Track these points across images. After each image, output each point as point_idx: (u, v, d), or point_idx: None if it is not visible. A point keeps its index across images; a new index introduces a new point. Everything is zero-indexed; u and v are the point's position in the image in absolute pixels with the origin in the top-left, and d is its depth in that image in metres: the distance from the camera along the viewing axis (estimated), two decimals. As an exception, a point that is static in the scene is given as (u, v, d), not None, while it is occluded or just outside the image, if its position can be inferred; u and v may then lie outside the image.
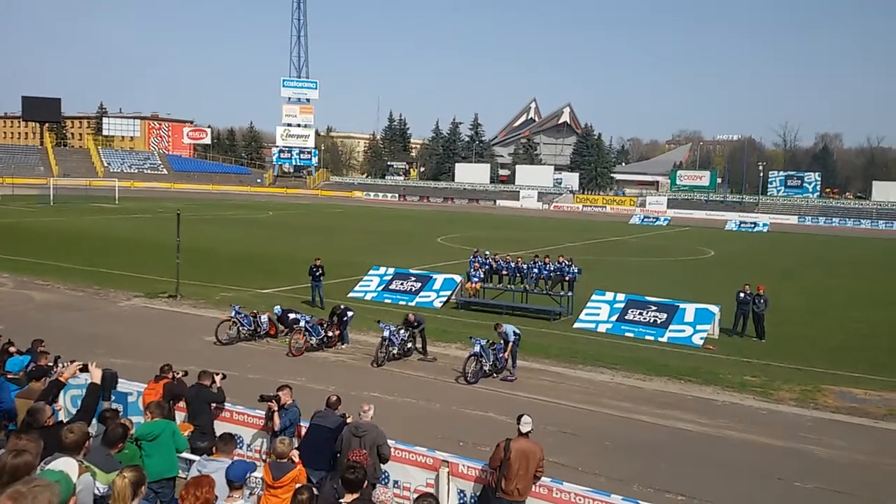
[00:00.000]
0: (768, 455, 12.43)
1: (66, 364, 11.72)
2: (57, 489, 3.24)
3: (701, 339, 20.60)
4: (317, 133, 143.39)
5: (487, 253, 27.41)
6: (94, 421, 7.30)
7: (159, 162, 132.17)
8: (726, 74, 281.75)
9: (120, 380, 11.22)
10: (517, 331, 17.02)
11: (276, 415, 9.60)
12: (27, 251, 34.88)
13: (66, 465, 4.48)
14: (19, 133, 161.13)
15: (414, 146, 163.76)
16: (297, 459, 7.36)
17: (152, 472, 7.07)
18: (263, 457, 9.85)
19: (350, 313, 19.17)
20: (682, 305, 21.91)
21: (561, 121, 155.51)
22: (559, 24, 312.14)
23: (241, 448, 10.17)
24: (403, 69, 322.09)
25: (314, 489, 7.02)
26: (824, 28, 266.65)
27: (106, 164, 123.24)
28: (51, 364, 11.39)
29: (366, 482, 6.10)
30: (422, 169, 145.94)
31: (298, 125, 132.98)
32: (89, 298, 24.45)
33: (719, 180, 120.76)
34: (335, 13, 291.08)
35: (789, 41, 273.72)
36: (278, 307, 20.00)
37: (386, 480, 9.31)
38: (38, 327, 17.78)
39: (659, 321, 21.57)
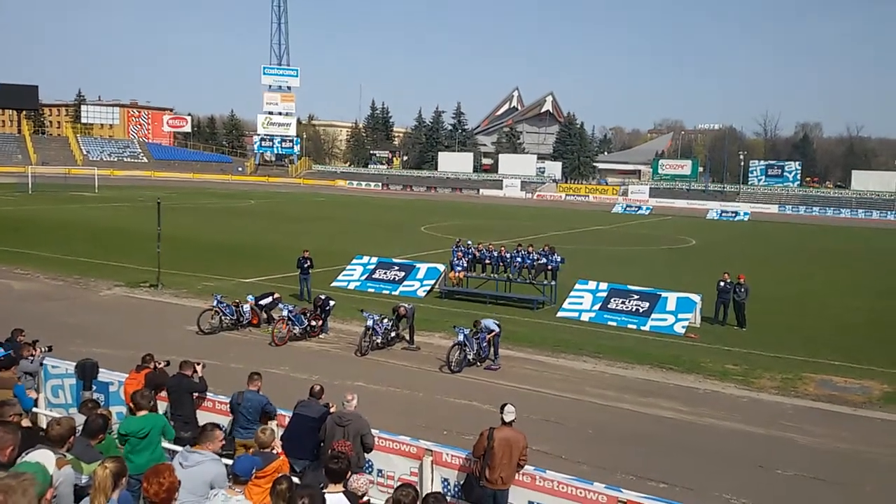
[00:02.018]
0: (749, 442, 12.54)
1: (43, 349, 11.63)
2: (39, 484, 3.22)
3: (683, 327, 20.73)
4: (298, 121, 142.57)
5: (470, 242, 27.39)
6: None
7: (139, 150, 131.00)
8: (708, 64, 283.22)
9: (101, 370, 11.19)
10: (498, 322, 17.05)
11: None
12: (6, 240, 34.46)
13: (43, 456, 4.43)
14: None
15: (397, 135, 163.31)
16: (279, 449, 7.33)
17: (141, 466, 7.01)
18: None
19: (332, 303, 19.12)
20: (663, 294, 22.03)
21: (543, 109, 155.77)
22: (542, 13, 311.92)
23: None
24: (386, 57, 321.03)
25: (294, 479, 7.02)
26: (805, 18, 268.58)
27: (85, 153, 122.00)
28: (33, 354, 11.28)
29: (349, 472, 6.07)
30: (405, 158, 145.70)
31: (280, 113, 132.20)
32: (70, 288, 24.22)
33: (701, 169, 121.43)
34: (316, 0, 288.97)
35: (770, 31, 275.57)
36: (250, 296, 19.97)
37: (370, 469, 9.30)
38: (18, 317, 17.56)
39: (641, 310, 21.68)
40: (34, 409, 9.69)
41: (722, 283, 22.08)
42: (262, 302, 19.59)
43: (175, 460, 6.62)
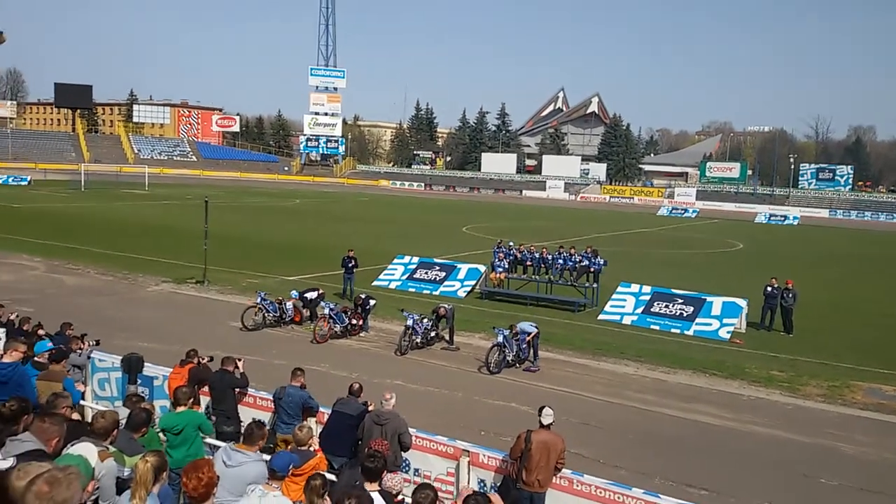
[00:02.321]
0: (793, 451, 12.30)
1: (91, 343, 11.92)
2: (82, 477, 3.32)
3: (728, 332, 20.40)
4: (344, 122, 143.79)
5: (511, 243, 27.32)
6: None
7: (188, 149, 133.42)
8: (758, 65, 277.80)
9: (146, 364, 11.44)
10: (535, 325, 16.99)
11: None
12: (59, 236, 35.43)
13: (85, 449, 4.55)
14: (52, 119, 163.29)
15: (440, 135, 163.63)
16: (316, 447, 7.40)
17: (178, 461, 7.16)
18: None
19: (372, 302, 19.26)
20: (709, 299, 21.70)
21: (589, 111, 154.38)
22: (588, 13, 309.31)
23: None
24: (430, 58, 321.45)
25: (331, 476, 7.09)
26: (858, 19, 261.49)
27: (136, 151, 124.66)
28: (81, 348, 11.56)
29: (385, 471, 6.11)
30: (448, 158, 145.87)
31: (326, 114, 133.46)
32: (118, 283, 24.79)
33: (749, 172, 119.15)
34: (363, 1, 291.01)
35: (823, 32, 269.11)
36: (294, 291, 20.26)
37: (407, 468, 9.34)
38: (68, 311, 18.09)
39: (685, 314, 21.39)
40: (81, 402, 9.95)
41: (769, 289, 21.68)
42: (307, 296, 19.82)
43: (218, 457, 6.72)
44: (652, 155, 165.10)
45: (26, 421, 5.35)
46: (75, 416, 7.50)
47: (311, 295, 19.89)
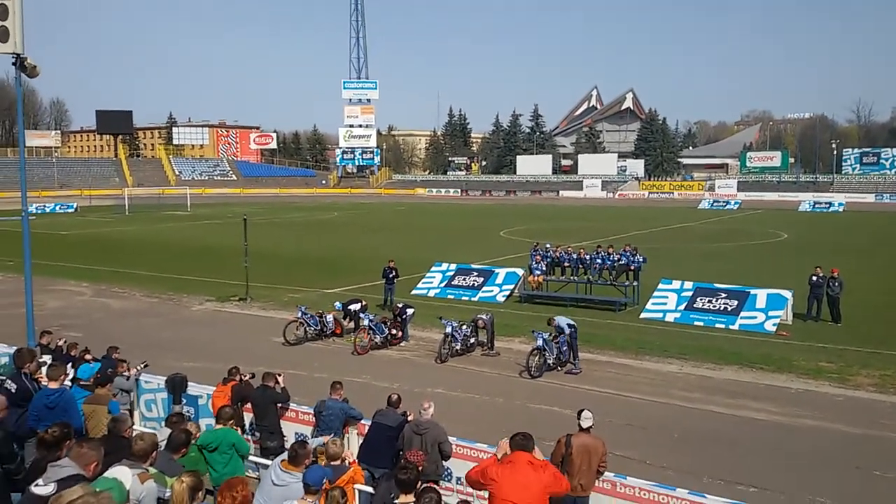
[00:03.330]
0: (846, 443, 12.01)
1: (139, 367, 12.13)
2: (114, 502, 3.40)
3: (774, 325, 20.03)
4: (378, 132, 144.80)
5: (549, 245, 27.18)
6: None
7: (228, 168, 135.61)
8: (795, 50, 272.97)
9: (191, 383, 11.63)
10: (571, 322, 16.85)
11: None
12: (105, 260, 36.23)
13: (121, 473, 4.65)
14: (95, 146, 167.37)
15: (475, 140, 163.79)
16: (351, 459, 7.45)
17: (214, 479, 7.27)
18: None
19: (410, 311, 19.32)
20: (753, 291, 21.33)
21: (624, 107, 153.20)
22: (617, 7, 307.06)
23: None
24: (462, 64, 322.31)
25: (366, 488, 7.12)
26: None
27: (177, 173, 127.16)
28: (129, 373, 11.76)
29: (419, 482, 6.12)
30: (483, 163, 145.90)
31: (360, 125, 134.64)
32: (163, 304, 25.25)
33: (791, 160, 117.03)
34: (391, 12, 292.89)
35: (859, 12, 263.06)
36: (338, 303, 20.41)
37: (449, 477, 9.34)
38: (115, 334, 18.49)
39: (729, 308, 21.05)
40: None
41: (814, 278, 21.24)
42: (351, 308, 19.92)
43: (266, 476, 6.82)
44: (690, 148, 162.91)
45: (68, 446, 5.48)
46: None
47: (355, 307, 19.98)
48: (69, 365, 11.65)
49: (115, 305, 25.14)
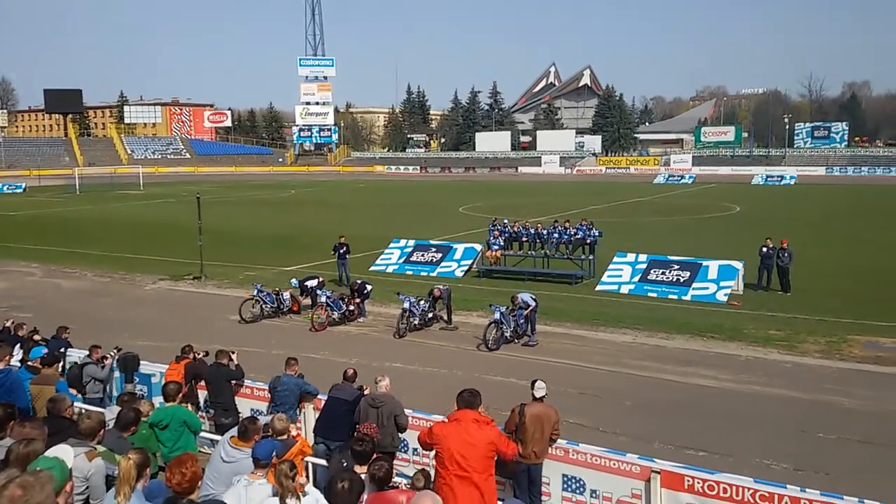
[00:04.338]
0: (792, 408, 12.36)
1: (112, 353, 11.70)
2: (55, 480, 3.39)
3: (725, 295, 20.44)
4: (336, 110, 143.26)
5: (506, 221, 27.30)
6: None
7: (182, 147, 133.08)
8: (749, 26, 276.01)
9: (144, 362, 11.50)
10: (534, 297, 17.02)
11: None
12: (55, 241, 35.46)
13: (62, 451, 4.60)
14: (44, 126, 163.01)
15: (434, 117, 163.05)
16: (294, 433, 7.48)
17: (165, 455, 7.22)
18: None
19: (368, 287, 19.30)
20: (705, 263, 21.73)
21: (581, 84, 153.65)
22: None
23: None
24: (419, 40, 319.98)
25: (320, 461, 7.13)
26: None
27: (130, 152, 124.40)
28: (102, 357, 11.40)
29: (374, 453, 6.16)
30: (442, 140, 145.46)
31: (317, 103, 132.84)
32: (116, 284, 24.84)
33: (745, 135, 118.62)
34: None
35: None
36: (294, 280, 20.32)
37: (405, 449, 9.41)
38: (67, 315, 18.12)
39: (682, 280, 21.43)
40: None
41: (764, 249, 21.72)
42: (308, 284, 19.84)
43: (216, 452, 6.78)
44: (647, 124, 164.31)
45: (11, 427, 5.39)
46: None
47: (312, 283, 19.93)
48: (17, 346, 11.44)
49: (67, 286, 24.66)
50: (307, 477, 7.18)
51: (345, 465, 6.08)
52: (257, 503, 5.51)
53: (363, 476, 5.75)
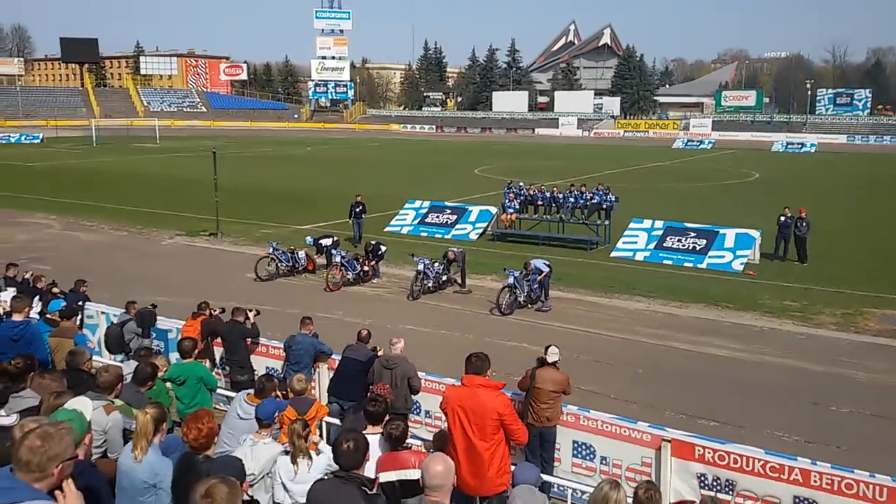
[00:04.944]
0: (805, 380, 12.35)
1: (149, 306, 11.73)
2: (74, 432, 3.42)
3: (741, 264, 20.34)
4: (352, 65, 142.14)
5: (522, 184, 27.17)
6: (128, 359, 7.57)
7: (198, 100, 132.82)
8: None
9: (160, 317, 11.59)
10: (548, 263, 16.98)
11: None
12: (73, 193, 35.64)
13: (81, 403, 4.66)
14: (59, 75, 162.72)
15: (451, 75, 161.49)
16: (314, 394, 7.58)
17: (182, 411, 7.32)
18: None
19: (383, 248, 19.31)
20: (721, 231, 21.58)
21: (601, 43, 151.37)
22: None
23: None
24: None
25: (334, 420, 7.19)
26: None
27: (146, 104, 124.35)
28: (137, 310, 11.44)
29: (387, 414, 6.21)
30: (459, 99, 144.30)
31: (333, 57, 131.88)
32: (133, 238, 25.00)
33: (766, 100, 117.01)
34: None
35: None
36: (309, 238, 20.34)
37: (417, 411, 9.49)
38: (84, 268, 18.29)
39: (698, 247, 21.31)
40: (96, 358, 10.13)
41: (782, 218, 21.52)
42: (322, 242, 19.87)
43: (232, 409, 6.87)
44: (667, 86, 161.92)
45: (31, 378, 5.47)
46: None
47: (326, 241, 19.94)
48: (36, 298, 11.57)
49: (84, 238, 24.85)
50: (321, 436, 7.29)
51: (359, 426, 6.14)
52: (263, 461, 5.59)
53: (377, 436, 5.82)
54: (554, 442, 8.36)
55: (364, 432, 5.93)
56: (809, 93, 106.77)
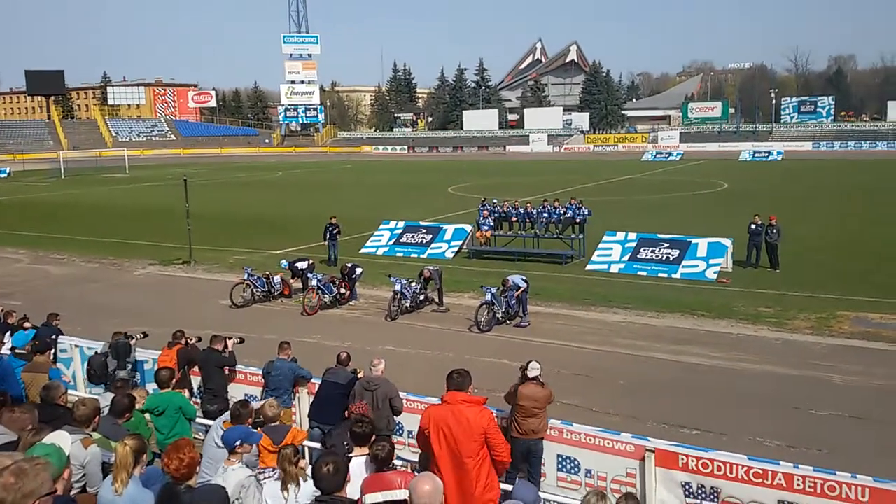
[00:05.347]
0: (783, 384, 12.46)
1: (138, 336, 11.59)
2: (52, 467, 3.34)
3: (714, 273, 20.54)
4: (322, 89, 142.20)
5: (496, 200, 27.29)
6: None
7: (167, 128, 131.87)
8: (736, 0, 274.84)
9: (136, 348, 11.43)
10: (525, 278, 17.04)
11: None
12: (42, 226, 35.17)
13: (59, 438, 4.58)
14: (26, 108, 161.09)
15: (420, 96, 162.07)
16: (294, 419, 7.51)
17: (161, 442, 7.21)
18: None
19: (358, 270, 19.24)
20: (694, 240, 21.80)
21: (568, 59, 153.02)
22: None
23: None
24: (405, 17, 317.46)
25: (315, 444, 7.11)
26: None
27: (114, 134, 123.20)
28: (130, 336, 11.30)
29: (373, 435, 6.16)
30: (430, 119, 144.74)
31: (302, 82, 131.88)
32: (105, 269, 24.69)
33: (732, 110, 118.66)
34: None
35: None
36: (284, 262, 20.22)
37: (400, 432, 9.43)
38: (57, 301, 18.03)
39: (671, 258, 21.50)
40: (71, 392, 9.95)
41: (753, 226, 21.78)
42: (298, 265, 19.74)
43: (210, 437, 6.77)
44: (634, 100, 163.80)
45: (2, 413, 5.36)
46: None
47: (302, 265, 19.82)
48: (7, 333, 11.37)
49: (55, 272, 24.50)
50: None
51: (347, 445, 6.08)
52: (231, 488, 5.49)
53: (364, 458, 5.76)
54: (541, 456, 8.36)
55: (350, 454, 5.90)
56: (774, 102, 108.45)
